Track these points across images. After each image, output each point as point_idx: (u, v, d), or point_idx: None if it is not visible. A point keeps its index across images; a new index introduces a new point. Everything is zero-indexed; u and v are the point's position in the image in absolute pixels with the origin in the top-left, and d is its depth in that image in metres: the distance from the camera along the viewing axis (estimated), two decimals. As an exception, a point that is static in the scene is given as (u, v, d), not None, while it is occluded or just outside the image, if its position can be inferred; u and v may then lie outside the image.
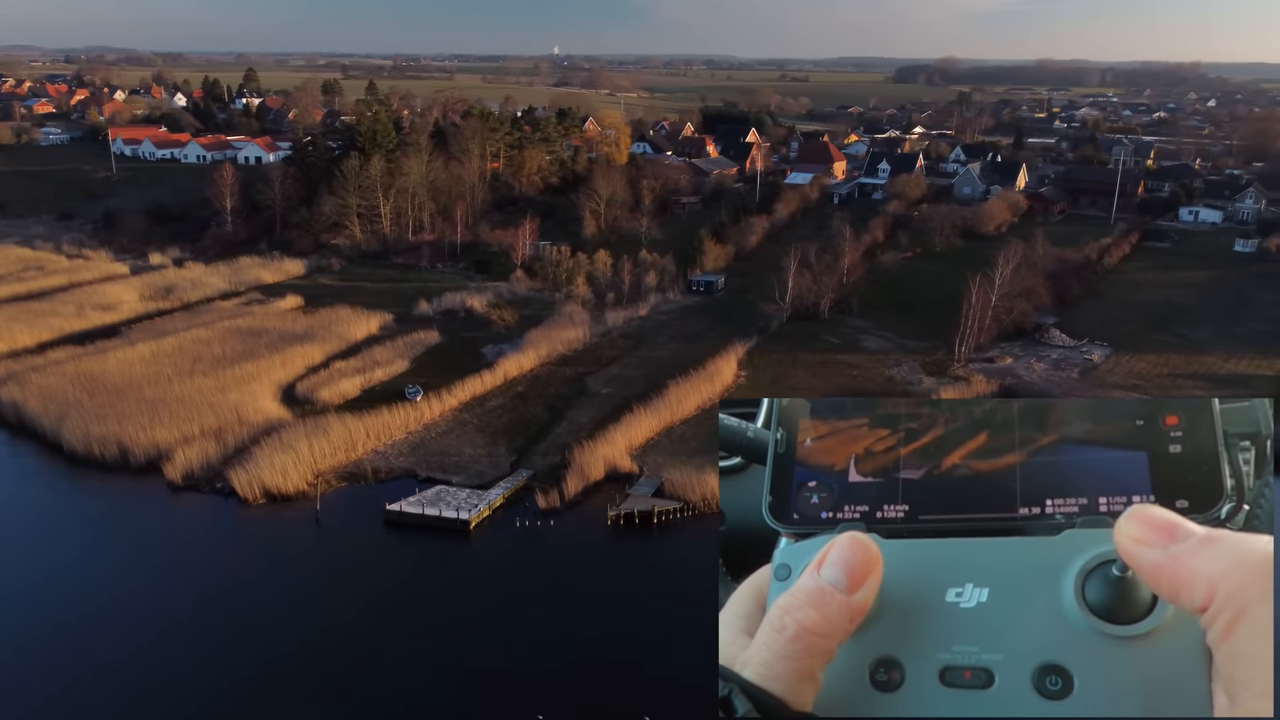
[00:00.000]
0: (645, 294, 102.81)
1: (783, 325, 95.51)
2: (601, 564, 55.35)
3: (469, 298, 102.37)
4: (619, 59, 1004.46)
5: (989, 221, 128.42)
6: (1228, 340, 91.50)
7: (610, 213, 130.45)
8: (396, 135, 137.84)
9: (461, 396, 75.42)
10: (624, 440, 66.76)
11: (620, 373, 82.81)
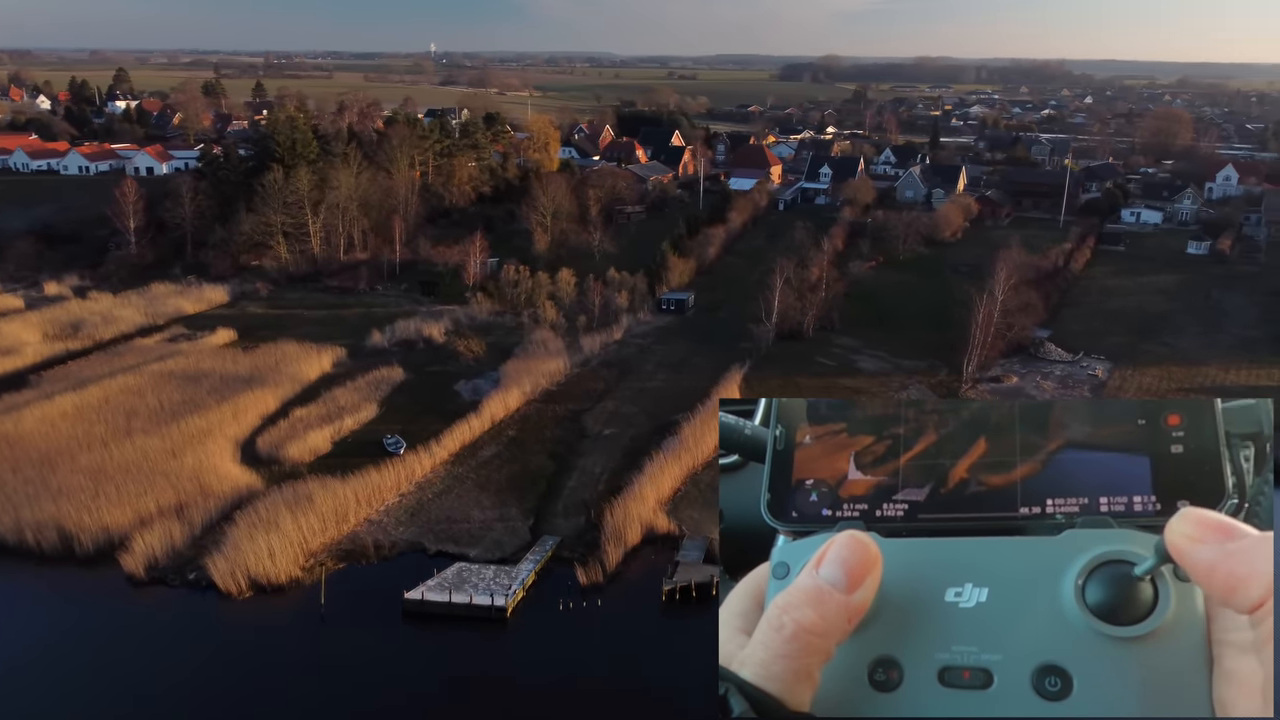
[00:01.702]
0: (617, 315, 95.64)
1: (769, 347, 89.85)
2: (664, 650, 48.22)
3: (425, 325, 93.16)
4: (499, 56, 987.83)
5: (946, 227, 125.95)
6: (1216, 349, 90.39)
7: (557, 225, 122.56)
8: (318, 145, 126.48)
9: (450, 447, 66.92)
10: (653, 494, 59.73)
11: (617, 409, 75.56)
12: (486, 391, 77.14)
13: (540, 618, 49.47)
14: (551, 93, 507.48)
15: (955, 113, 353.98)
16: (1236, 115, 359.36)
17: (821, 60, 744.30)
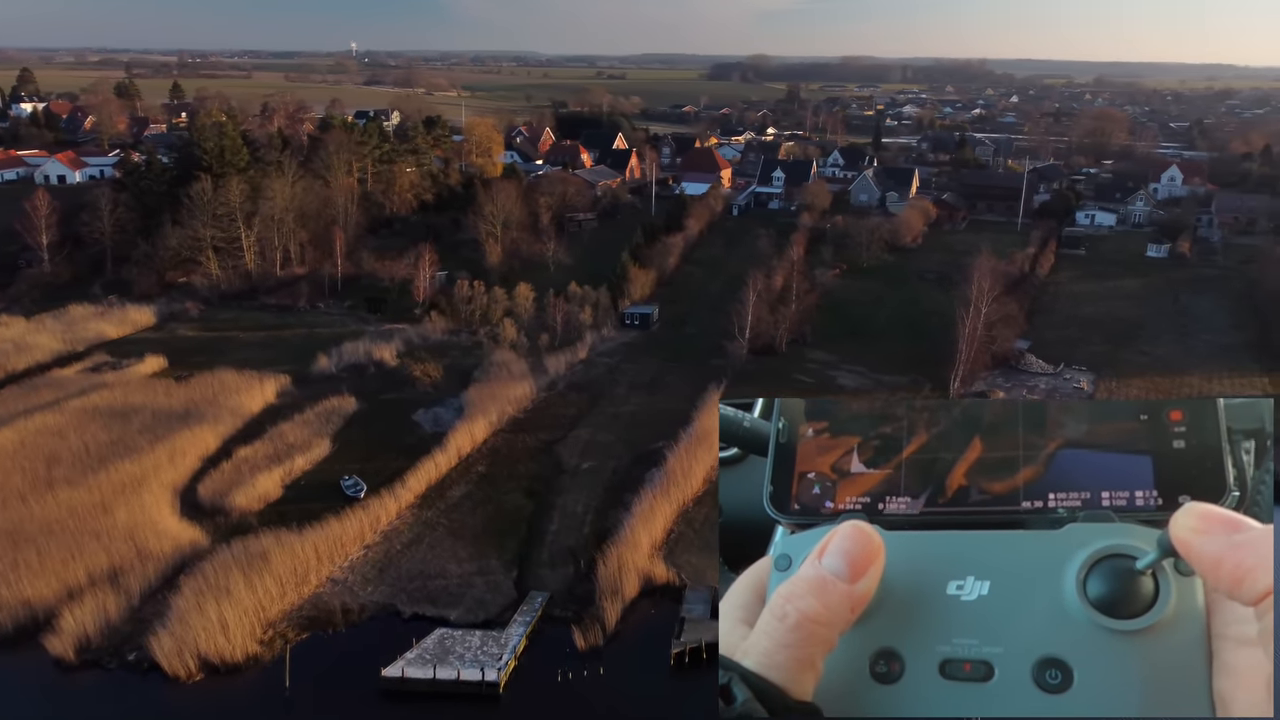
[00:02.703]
0: (580, 333, 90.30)
1: (743, 364, 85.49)
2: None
3: (375, 347, 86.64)
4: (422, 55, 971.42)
5: (907, 232, 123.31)
6: (1194, 356, 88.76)
7: (507, 235, 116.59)
8: (248, 152, 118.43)
9: (415, 487, 61.01)
10: (646, 537, 54.71)
11: (592, 438, 70.32)
12: (449, 421, 71.29)
13: (537, 691, 44.11)
14: (480, 93, 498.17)
15: (889, 112, 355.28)
16: (1158, 114, 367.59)
17: (750, 60, 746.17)
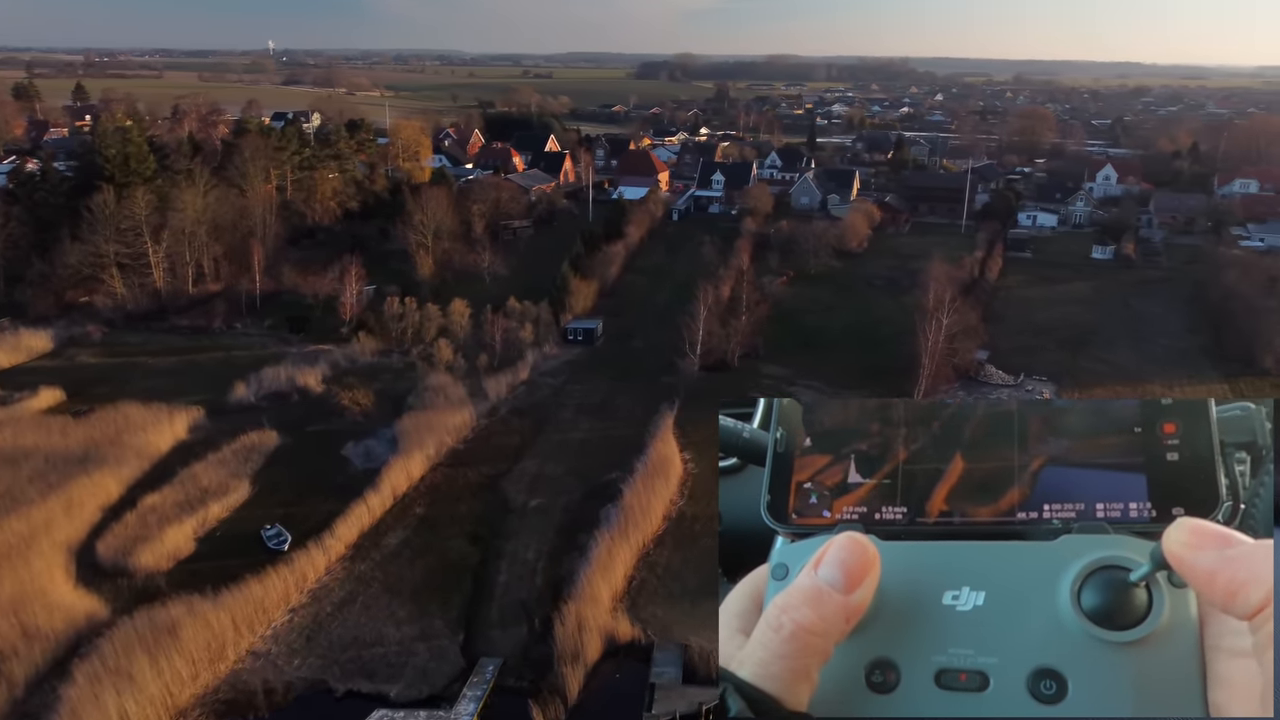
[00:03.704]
0: (521, 351, 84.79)
1: (695, 381, 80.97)
2: (654, 810, 38.46)
3: (298, 372, 79.93)
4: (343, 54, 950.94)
5: (852, 237, 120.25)
6: (1153, 363, 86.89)
7: (438, 245, 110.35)
8: (155, 159, 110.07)
9: (346, 536, 55.01)
10: (605, 587, 49.68)
11: (540, 471, 64.99)
12: (382, 456, 65.24)
13: (494, 783, 38.79)
14: (404, 93, 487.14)
15: (819, 111, 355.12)
16: (1079, 112, 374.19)
17: (677, 58, 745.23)
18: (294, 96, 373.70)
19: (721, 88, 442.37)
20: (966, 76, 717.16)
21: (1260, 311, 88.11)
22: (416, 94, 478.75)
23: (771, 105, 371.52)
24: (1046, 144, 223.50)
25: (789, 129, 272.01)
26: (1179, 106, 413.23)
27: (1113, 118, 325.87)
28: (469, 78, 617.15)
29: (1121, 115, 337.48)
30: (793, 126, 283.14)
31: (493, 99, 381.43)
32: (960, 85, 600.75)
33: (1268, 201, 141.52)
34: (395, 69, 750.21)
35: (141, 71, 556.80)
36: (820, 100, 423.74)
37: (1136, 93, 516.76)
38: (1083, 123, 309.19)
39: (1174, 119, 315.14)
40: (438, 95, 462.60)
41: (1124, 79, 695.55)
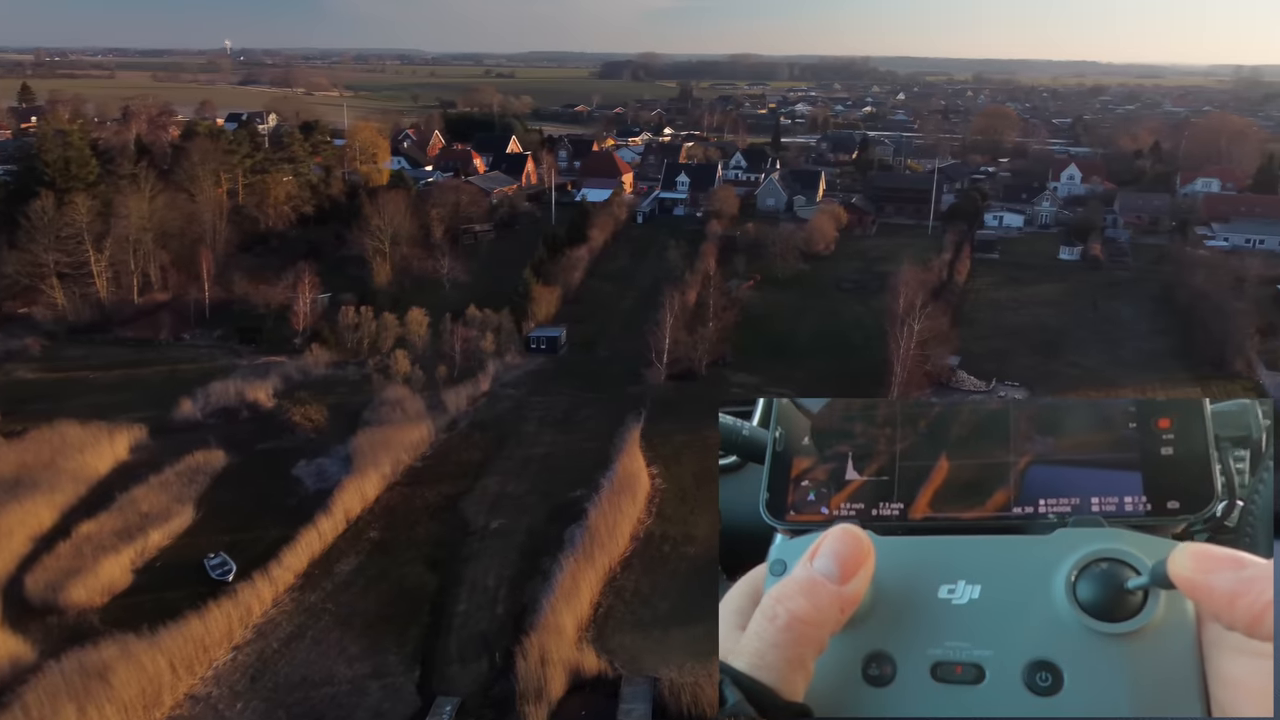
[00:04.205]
0: (482, 362, 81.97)
1: (662, 391, 78.70)
2: None
3: (248, 386, 76.52)
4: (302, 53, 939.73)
5: (820, 239, 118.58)
6: (1124, 366, 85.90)
7: (396, 251, 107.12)
8: (97, 163, 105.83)
9: (295, 564, 52.02)
10: (570, 617, 47.16)
11: (502, 489, 62.32)
12: (335, 476, 62.27)
13: (451, 838, 36.15)
14: (364, 92, 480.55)
15: (782, 111, 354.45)
16: (1040, 110, 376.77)
17: (640, 58, 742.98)
18: (250, 97, 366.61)
19: (685, 87, 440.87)
20: (927, 75, 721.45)
21: (1229, 313, 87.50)
22: (376, 94, 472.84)
23: (735, 105, 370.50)
24: (1010, 143, 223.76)
25: (753, 129, 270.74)
26: (1136, 105, 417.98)
27: (1073, 116, 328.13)
28: (430, 77, 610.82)
29: (1081, 114, 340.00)
30: (757, 126, 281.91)
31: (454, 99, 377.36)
32: (921, 84, 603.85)
33: (1230, 201, 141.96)
34: (355, 68, 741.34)
35: (93, 71, 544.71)
36: (784, 100, 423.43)
37: (1094, 91, 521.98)
38: (1044, 121, 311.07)
39: (1132, 117, 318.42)
40: (398, 95, 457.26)
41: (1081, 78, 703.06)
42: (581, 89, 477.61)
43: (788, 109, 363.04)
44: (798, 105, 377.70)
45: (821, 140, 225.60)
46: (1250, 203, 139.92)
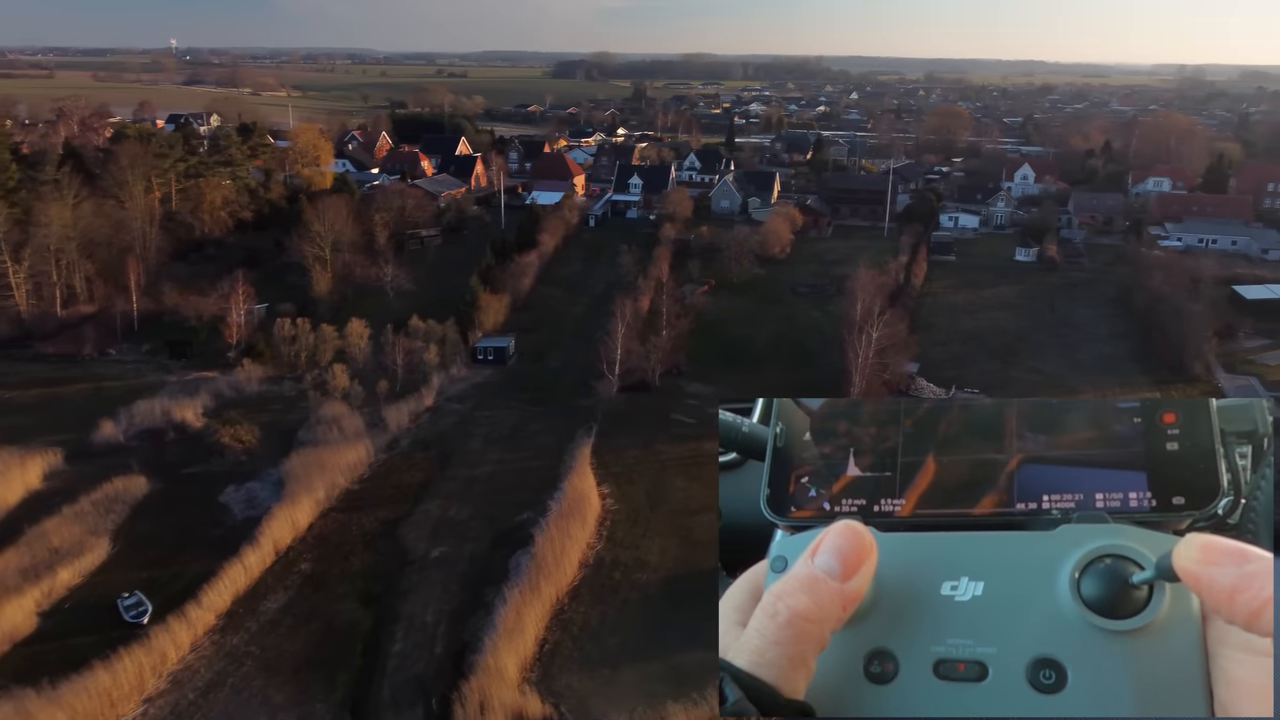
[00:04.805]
0: (426, 375, 78.47)
1: (614, 404, 75.80)
2: None
3: (175, 405, 72.36)
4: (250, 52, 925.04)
5: (775, 242, 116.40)
6: (1083, 371, 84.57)
7: (338, 258, 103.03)
8: (18, 168, 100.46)
9: (218, 603, 48.36)
10: (513, 656, 44.07)
11: (444, 514, 58.98)
12: (266, 502, 58.58)
13: None
14: (312, 92, 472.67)
15: (736, 110, 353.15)
16: (990, 110, 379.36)
17: (594, 57, 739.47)
18: (193, 97, 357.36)
19: (639, 87, 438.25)
20: (880, 74, 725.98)
21: (1185, 316, 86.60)
22: (325, 94, 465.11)
23: (689, 105, 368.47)
24: (963, 142, 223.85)
25: (707, 128, 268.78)
26: (1084, 104, 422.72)
27: (1023, 115, 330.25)
28: (381, 77, 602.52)
29: (1031, 113, 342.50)
30: (711, 126, 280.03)
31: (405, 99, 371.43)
32: (874, 83, 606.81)
33: (1181, 200, 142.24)
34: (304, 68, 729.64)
35: (30, 71, 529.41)
36: (738, 99, 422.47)
37: (1043, 90, 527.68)
38: (995, 120, 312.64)
39: (1082, 116, 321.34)
40: (347, 95, 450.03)
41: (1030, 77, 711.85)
42: (535, 89, 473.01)
43: (742, 109, 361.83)
44: (752, 105, 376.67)
45: (776, 140, 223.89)
46: (1201, 202, 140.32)
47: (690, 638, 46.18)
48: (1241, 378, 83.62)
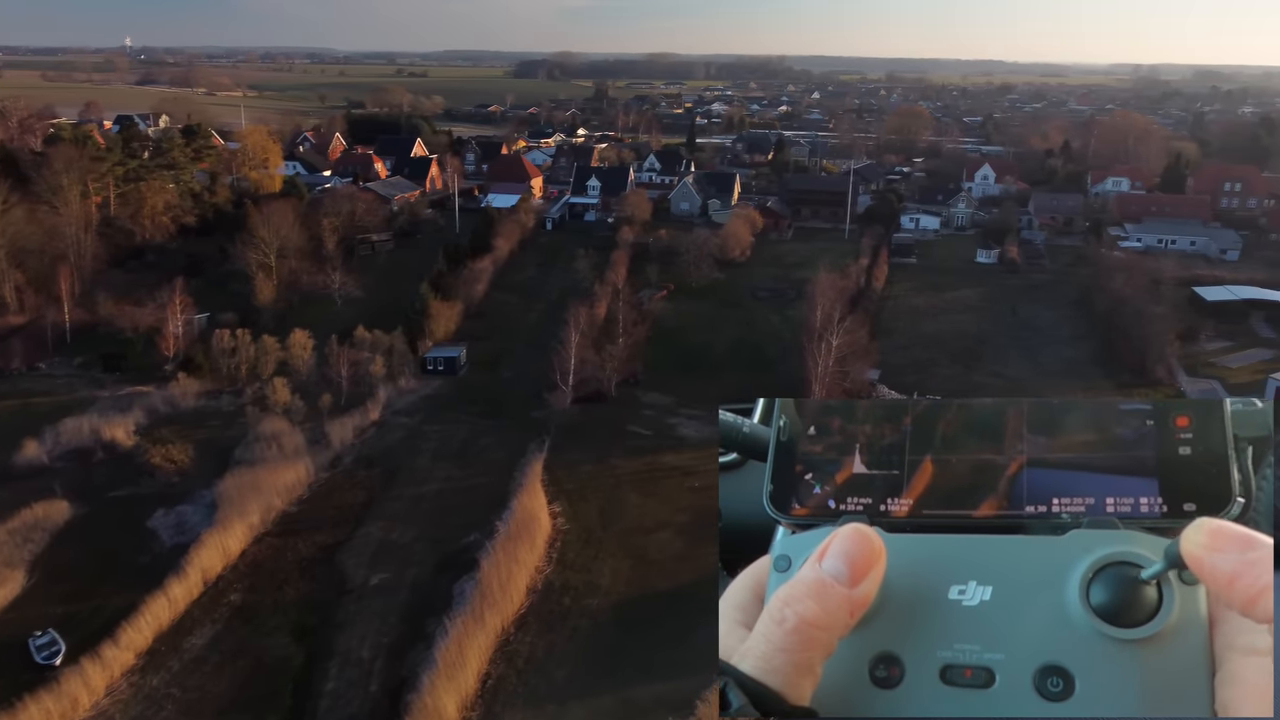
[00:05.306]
0: (372, 387, 75.48)
1: (568, 416, 73.30)
2: None
3: (105, 423, 68.79)
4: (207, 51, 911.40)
5: (735, 245, 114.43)
6: (1045, 375, 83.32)
7: (285, 265, 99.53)
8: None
9: (138, 640, 45.27)
10: (453, 694, 41.45)
11: (387, 536, 56.17)
12: (197, 527, 55.48)
13: None
14: (269, 92, 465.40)
15: (698, 110, 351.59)
16: (951, 109, 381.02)
17: (556, 57, 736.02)
18: (144, 97, 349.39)
19: (600, 86, 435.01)
20: (841, 74, 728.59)
21: (1147, 318, 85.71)
22: (282, 94, 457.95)
23: (651, 104, 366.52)
24: (923, 142, 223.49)
25: (669, 129, 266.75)
26: (1043, 103, 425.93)
27: (983, 115, 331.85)
28: (340, 76, 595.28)
29: (991, 112, 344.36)
30: (673, 126, 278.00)
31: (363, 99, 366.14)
32: (836, 83, 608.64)
33: (1140, 200, 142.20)
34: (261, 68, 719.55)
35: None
36: (700, 99, 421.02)
37: (1002, 90, 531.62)
38: (955, 120, 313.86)
39: (1040, 116, 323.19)
40: (305, 95, 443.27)
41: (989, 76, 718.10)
42: (496, 89, 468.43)
43: (704, 109, 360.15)
44: (714, 105, 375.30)
45: (737, 141, 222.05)
46: (1160, 202, 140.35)
47: (643, 669, 44.04)
48: (1204, 380, 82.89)
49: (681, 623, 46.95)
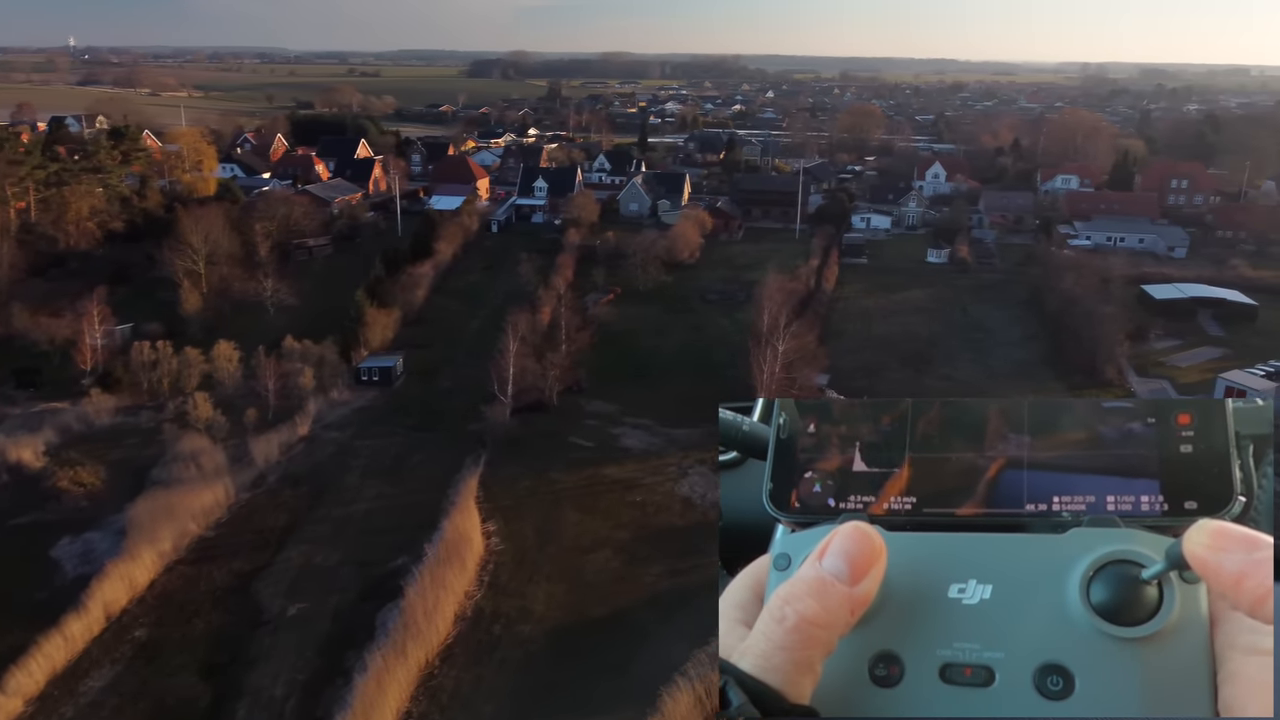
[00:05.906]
0: (302, 400, 72.11)
1: (507, 427, 70.50)
2: None
3: (12, 444, 64.75)
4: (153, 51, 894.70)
5: (684, 247, 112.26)
6: (995, 377, 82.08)
7: (215, 272, 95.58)
8: None
9: (29, 684, 41.84)
10: (369, 736, 38.61)
11: (308, 561, 53.05)
12: (104, 556, 51.90)
13: None
14: (215, 93, 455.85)
15: (652, 110, 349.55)
16: (903, 108, 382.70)
17: (510, 56, 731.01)
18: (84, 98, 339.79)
19: (554, 86, 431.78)
20: (796, 73, 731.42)
21: (1096, 318, 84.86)
22: (229, 94, 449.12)
23: (605, 104, 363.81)
24: (875, 141, 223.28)
25: (623, 128, 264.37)
26: (993, 102, 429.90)
27: (935, 113, 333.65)
28: (290, 76, 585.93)
29: (943, 110, 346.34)
30: (626, 126, 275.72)
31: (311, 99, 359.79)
32: (790, 82, 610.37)
33: (1089, 198, 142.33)
34: (209, 68, 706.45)
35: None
36: (654, 98, 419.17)
37: (954, 88, 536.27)
38: (908, 119, 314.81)
39: (991, 114, 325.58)
40: (252, 96, 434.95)
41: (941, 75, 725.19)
42: (449, 88, 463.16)
43: (658, 108, 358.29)
44: (668, 104, 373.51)
45: (689, 140, 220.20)
46: (1109, 200, 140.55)
47: (579, 702, 41.54)
48: (1154, 380, 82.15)
49: (620, 651, 44.63)
